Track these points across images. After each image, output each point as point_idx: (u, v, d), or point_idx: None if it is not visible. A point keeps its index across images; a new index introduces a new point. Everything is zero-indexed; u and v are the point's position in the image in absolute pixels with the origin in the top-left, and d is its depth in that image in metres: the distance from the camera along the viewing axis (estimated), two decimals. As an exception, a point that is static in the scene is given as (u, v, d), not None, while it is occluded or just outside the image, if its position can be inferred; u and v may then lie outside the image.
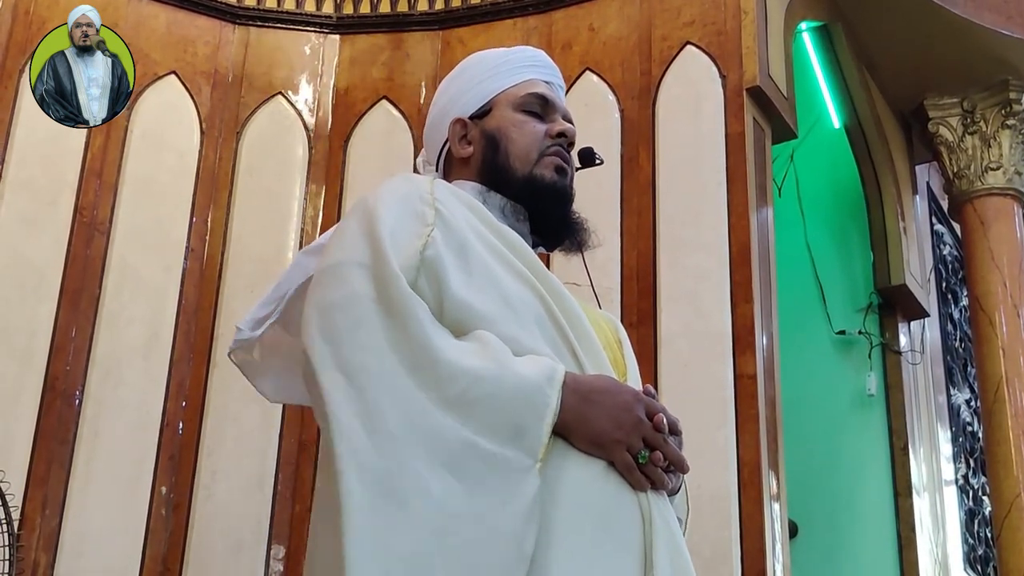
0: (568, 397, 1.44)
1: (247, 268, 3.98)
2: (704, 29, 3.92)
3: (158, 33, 4.10)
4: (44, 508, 3.47)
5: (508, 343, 1.47)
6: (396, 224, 1.53)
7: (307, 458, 3.81)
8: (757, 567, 3.28)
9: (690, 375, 3.54)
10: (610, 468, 1.46)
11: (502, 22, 4.25)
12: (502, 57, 1.82)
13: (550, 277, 1.59)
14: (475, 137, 1.75)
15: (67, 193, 3.79)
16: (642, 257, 3.74)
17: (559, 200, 1.72)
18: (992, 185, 4.93)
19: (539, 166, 1.71)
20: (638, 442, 1.46)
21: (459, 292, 1.49)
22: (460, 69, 1.85)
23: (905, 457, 4.86)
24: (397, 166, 4.12)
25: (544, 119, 1.75)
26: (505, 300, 1.52)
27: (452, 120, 1.77)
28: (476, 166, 1.74)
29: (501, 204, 1.70)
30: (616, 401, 1.47)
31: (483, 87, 1.78)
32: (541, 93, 1.77)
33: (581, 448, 1.45)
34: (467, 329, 1.48)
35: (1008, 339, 4.69)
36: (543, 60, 1.85)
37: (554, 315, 1.55)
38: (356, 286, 1.47)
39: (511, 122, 1.73)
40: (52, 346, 3.62)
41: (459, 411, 1.39)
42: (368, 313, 1.45)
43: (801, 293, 4.94)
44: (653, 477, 1.47)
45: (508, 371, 1.42)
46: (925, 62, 4.91)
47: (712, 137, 3.80)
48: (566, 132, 1.74)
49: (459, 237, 1.54)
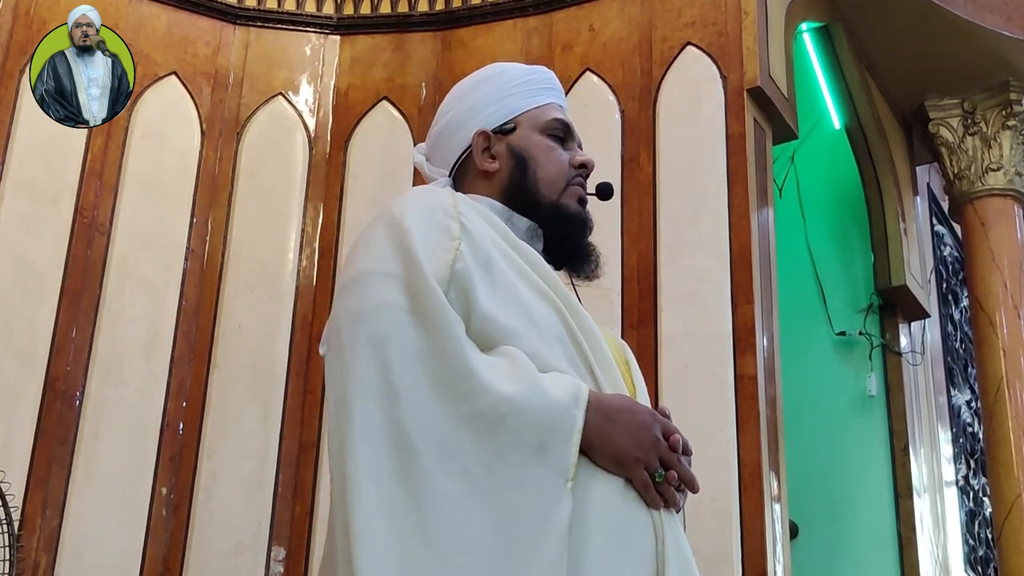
0: (592, 415, 1.47)
1: (247, 268, 3.98)
2: (705, 30, 3.92)
3: (159, 34, 4.10)
4: (44, 508, 3.47)
5: (532, 359, 1.50)
6: (425, 236, 1.54)
7: (307, 459, 3.81)
8: (758, 568, 3.28)
9: (691, 376, 3.54)
10: (627, 486, 1.49)
11: (503, 22, 4.25)
12: (526, 75, 1.84)
13: (568, 295, 1.63)
14: (500, 153, 1.76)
15: (68, 193, 3.79)
16: (643, 258, 3.74)
17: (583, 230, 1.77)
18: (993, 186, 4.93)
19: (565, 195, 1.74)
20: (655, 461, 1.50)
21: (486, 307, 1.52)
22: (482, 79, 1.86)
23: (906, 458, 4.86)
24: (397, 167, 4.12)
25: (564, 145, 1.79)
26: (528, 316, 1.55)
27: (476, 132, 1.77)
28: (501, 183, 1.75)
29: (525, 225, 1.72)
30: (635, 420, 1.51)
31: (508, 103, 1.79)
32: (564, 120, 1.80)
33: (601, 465, 1.48)
34: (493, 344, 1.50)
35: (1008, 340, 4.69)
36: (558, 84, 1.88)
37: (573, 333, 1.58)
38: (386, 296, 1.49)
39: (539, 146, 1.76)
40: (53, 346, 3.62)
41: (489, 427, 1.42)
42: (400, 324, 1.47)
43: (802, 294, 4.94)
44: (666, 496, 1.50)
45: (538, 391, 1.45)
46: (926, 63, 4.91)
47: (713, 138, 3.80)
48: (587, 164, 1.78)
49: (484, 252, 1.57)
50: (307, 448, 3.82)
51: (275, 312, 3.96)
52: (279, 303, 3.97)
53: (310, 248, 4.05)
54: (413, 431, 1.41)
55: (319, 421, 3.84)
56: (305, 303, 3.97)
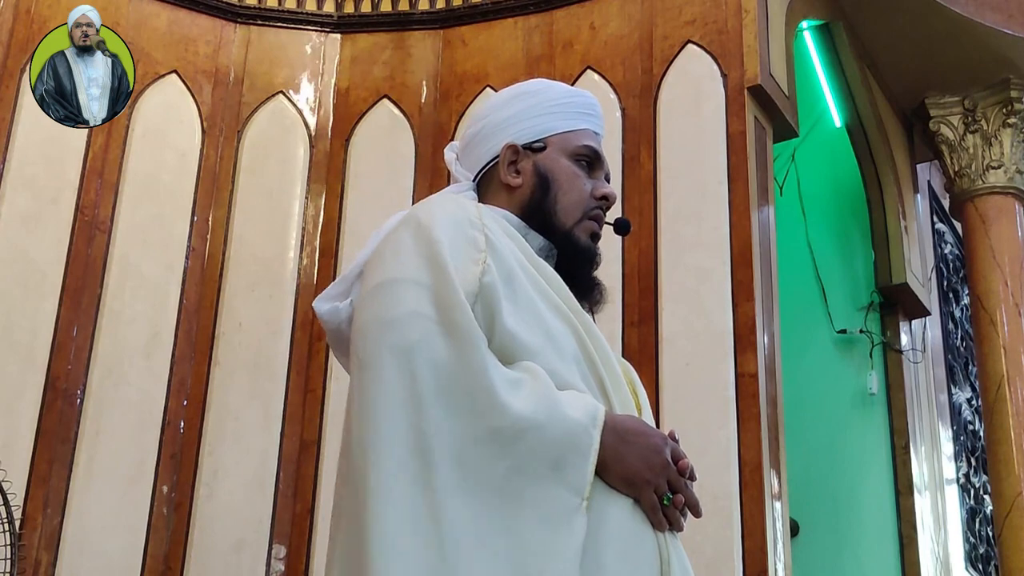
0: (607, 436, 1.49)
1: (248, 267, 3.98)
2: (705, 28, 3.92)
3: (159, 32, 4.10)
4: (46, 507, 3.47)
5: (550, 376, 1.51)
6: (453, 247, 1.55)
7: (308, 457, 3.81)
8: (758, 566, 3.28)
9: (691, 374, 3.54)
10: (636, 507, 1.51)
11: (503, 21, 4.25)
12: (567, 96, 1.84)
13: (585, 316, 1.65)
14: (525, 169, 1.77)
15: (68, 192, 3.79)
16: (643, 256, 3.74)
17: (589, 264, 1.78)
18: (993, 184, 4.93)
19: (578, 227, 1.76)
20: (664, 484, 1.52)
21: (509, 322, 1.53)
22: (524, 91, 1.85)
23: (906, 456, 4.86)
24: (398, 165, 4.13)
25: (591, 174, 1.80)
26: (547, 334, 1.56)
27: (506, 144, 1.77)
28: (521, 200, 1.75)
29: (539, 243, 1.73)
30: (648, 443, 1.53)
31: (542, 121, 1.79)
32: (595, 148, 1.81)
33: (611, 485, 1.50)
34: (512, 359, 1.51)
35: (1009, 338, 4.70)
36: (598, 111, 1.88)
37: (589, 352, 1.60)
38: (415, 305, 1.49)
39: (564, 171, 1.77)
40: (53, 345, 3.62)
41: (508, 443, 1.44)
42: (428, 335, 1.47)
43: (802, 292, 4.94)
44: (672, 519, 1.53)
45: (556, 409, 1.47)
46: (926, 61, 4.91)
47: (713, 136, 3.80)
48: (608, 197, 1.80)
49: (508, 266, 1.58)
50: (308, 446, 3.82)
51: (276, 310, 3.96)
52: (280, 301, 3.98)
53: (311, 247, 4.06)
54: (435, 443, 1.42)
55: (320, 419, 3.84)
56: (306, 301, 3.97)
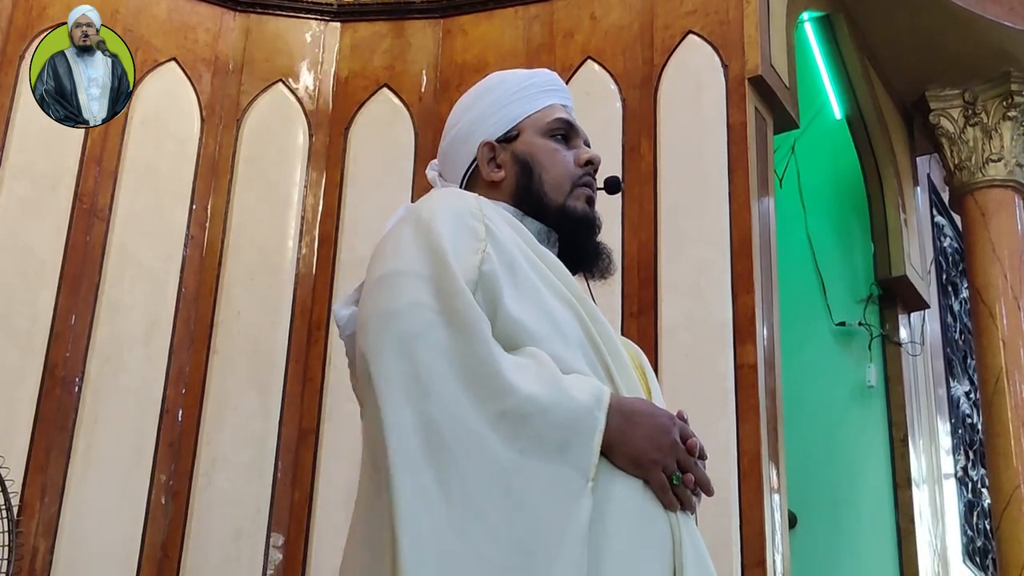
0: (613, 417, 1.50)
1: (247, 256, 3.98)
2: (706, 18, 3.91)
3: (159, 20, 4.09)
4: (44, 494, 3.47)
5: (554, 361, 1.52)
6: (453, 238, 1.57)
7: (307, 446, 3.81)
8: (757, 557, 3.29)
9: (691, 365, 3.54)
10: (645, 487, 1.52)
11: (503, 10, 4.23)
12: (525, 80, 1.86)
13: (588, 301, 1.65)
14: (505, 161, 1.79)
15: (67, 179, 3.79)
16: (643, 247, 3.74)
17: (590, 231, 1.79)
18: (993, 177, 4.92)
19: (572, 197, 1.77)
20: (673, 464, 1.53)
21: (511, 308, 1.54)
22: (484, 90, 1.88)
23: (905, 449, 4.87)
24: (398, 154, 4.12)
25: (569, 144, 1.80)
26: (551, 319, 1.57)
27: (481, 143, 1.79)
28: (509, 191, 1.77)
29: (536, 228, 1.74)
30: (655, 423, 1.54)
31: (509, 111, 1.81)
32: (566, 119, 1.82)
33: (619, 466, 1.51)
34: (516, 345, 1.52)
35: (1008, 331, 4.69)
36: (560, 84, 1.90)
37: (593, 338, 1.60)
38: (416, 296, 1.51)
39: (542, 149, 1.78)
40: (52, 333, 3.61)
41: (514, 426, 1.44)
42: (429, 323, 1.49)
43: (801, 284, 4.93)
44: (683, 498, 1.54)
45: (561, 392, 1.48)
46: (927, 53, 4.90)
47: (714, 127, 3.79)
48: (593, 160, 1.80)
49: (508, 254, 1.59)
50: (306, 435, 3.82)
51: (275, 299, 3.96)
52: (279, 290, 3.97)
53: (310, 235, 4.05)
54: (443, 427, 1.43)
55: (318, 408, 3.84)
56: (305, 290, 3.96)
